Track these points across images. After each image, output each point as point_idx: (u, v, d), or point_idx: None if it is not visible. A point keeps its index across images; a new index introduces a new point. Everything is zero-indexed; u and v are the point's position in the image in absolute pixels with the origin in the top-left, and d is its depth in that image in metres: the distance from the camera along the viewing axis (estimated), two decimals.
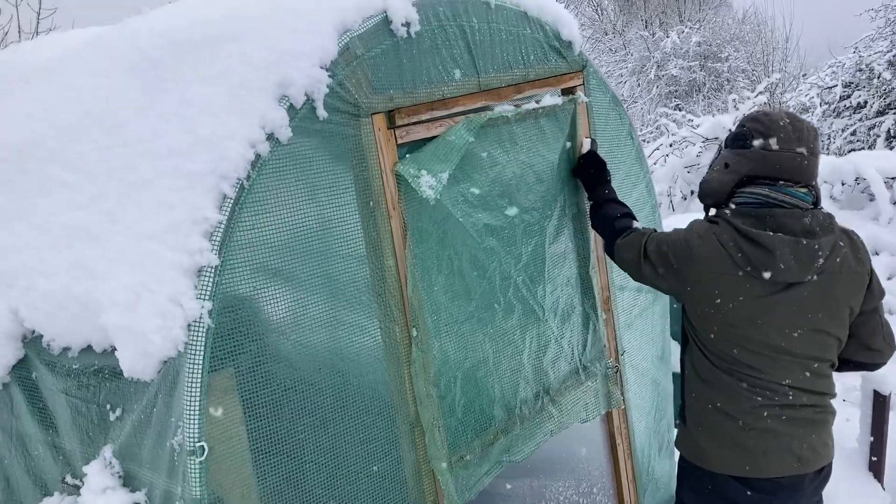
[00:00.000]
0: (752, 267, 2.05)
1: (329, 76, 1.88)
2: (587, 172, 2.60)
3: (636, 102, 16.55)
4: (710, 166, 2.30)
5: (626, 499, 2.96)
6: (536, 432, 2.53)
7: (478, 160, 2.29)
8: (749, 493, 2.18)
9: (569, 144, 2.61)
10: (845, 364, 2.26)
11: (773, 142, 2.09)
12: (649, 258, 2.23)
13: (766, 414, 2.15)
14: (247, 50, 1.90)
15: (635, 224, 2.41)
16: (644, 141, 12.43)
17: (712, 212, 2.24)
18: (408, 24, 2.05)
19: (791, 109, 12.78)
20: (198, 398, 1.68)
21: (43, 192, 2.17)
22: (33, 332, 2.14)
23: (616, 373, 2.83)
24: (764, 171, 2.11)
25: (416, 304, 2.10)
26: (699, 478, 2.28)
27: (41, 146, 2.24)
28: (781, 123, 2.12)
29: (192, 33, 2.06)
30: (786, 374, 2.14)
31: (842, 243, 2.14)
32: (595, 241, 2.73)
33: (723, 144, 2.30)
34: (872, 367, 2.29)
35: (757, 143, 2.12)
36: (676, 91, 18.80)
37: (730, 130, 2.55)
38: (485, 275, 2.34)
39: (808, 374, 2.16)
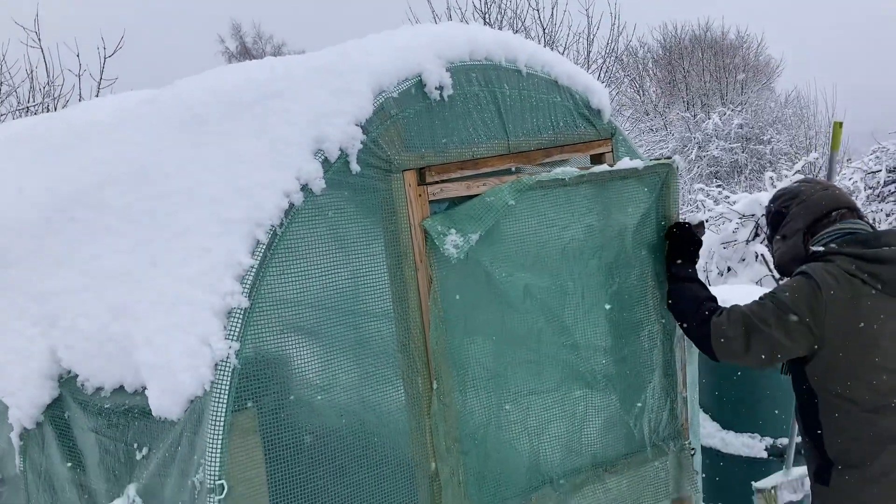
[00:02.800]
0: (882, 283, 2.14)
1: (363, 133, 1.98)
2: (677, 245, 2.54)
3: None
4: (773, 252, 2.53)
5: None
6: None
7: (528, 221, 2.30)
8: None
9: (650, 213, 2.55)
10: None
11: (802, 193, 2.42)
12: (769, 325, 2.19)
13: None
14: (288, 107, 2.02)
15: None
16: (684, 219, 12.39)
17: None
18: (441, 88, 2.16)
19: None
20: (220, 436, 1.73)
21: (90, 238, 2.28)
22: (69, 371, 2.22)
23: (693, 455, 2.70)
24: (818, 212, 2.35)
25: (439, 357, 2.13)
26: None
27: (91, 196, 2.37)
28: (795, 184, 2.50)
29: (240, 92, 2.20)
30: None
31: None
32: None
33: (768, 234, 2.54)
34: None
35: (793, 203, 2.42)
36: (718, 172, 18.85)
37: (768, 207, 2.62)
38: (523, 336, 2.32)
39: None
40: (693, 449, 2.70)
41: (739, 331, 2.23)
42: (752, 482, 3.02)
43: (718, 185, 16.98)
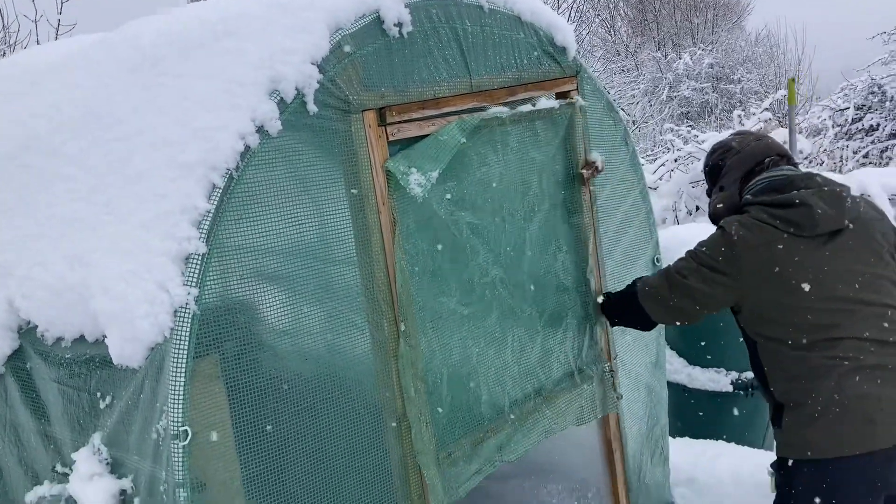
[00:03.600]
0: (795, 226, 2.19)
1: (320, 72, 1.92)
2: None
3: (647, 123, 16.59)
4: (710, 204, 2.56)
5: None
6: (530, 433, 2.52)
7: (466, 159, 2.32)
8: (866, 470, 2.11)
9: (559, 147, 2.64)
10: None
11: (735, 146, 2.51)
12: (686, 277, 2.32)
13: (857, 378, 2.12)
14: (242, 47, 1.95)
15: None
16: (655, 159, 12.45)
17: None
18: (400, 25, 2.10)
19: (803, 132, 12.76)
20: (182, 383, 1.71)
21: (43, 185, 2.22)
22: (28, 322, 2.18)
23: (613, 377, 2.83)
24: (752, 161, 2.42)
25: (405, 299, 2.12)
26: (813, 472, 2.17)
27: (43, 142, 2.30)
28: (729, 137, 2.61)
29: (192, 32, 2.12)
30: (864, 326, 2.15)
31: (854, 195, 2.31)
32: (593, 244, 2.75)
33: (709, 191, 2.62)
34: None
35: (728, 156, 2.50)
36: (689, 112, 18.84)
37: (705, 162, 2.71)
38: (468, 273, 2.36)
39: (885, 324, 2.16)
40: (612, 371, 2.83)
41: (663, 282, 2.41)
42: (767, 466, 3.02)
43: (689, 126, 17.01)
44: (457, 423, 2.33)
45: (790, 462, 2.24)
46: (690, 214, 6.75)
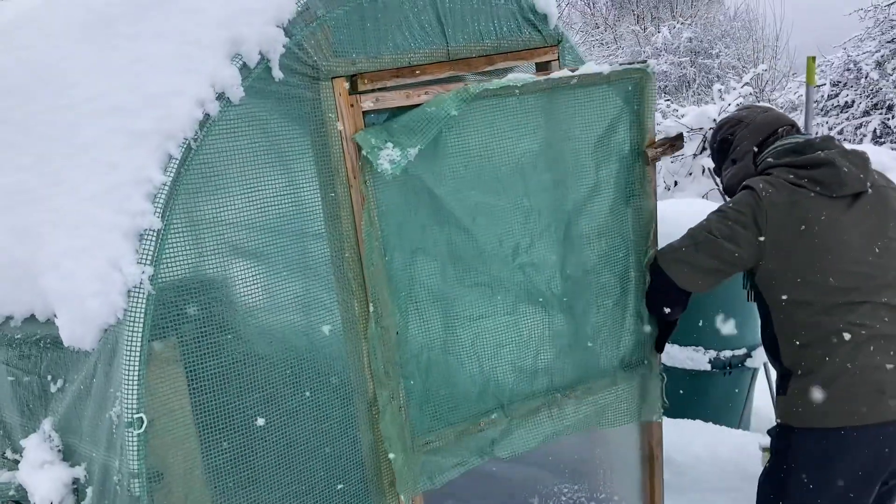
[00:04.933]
0: (821, 185, 2.16)
1: (286, 35, 1.80)
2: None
3: None
4: (723, 178, 2.51)
5: None
6: (533, 431, 2.35)
7: (476, 133, 2.15)
8: (871, 441, 2.05)
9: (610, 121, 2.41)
10: None
11: (745, 118, 2.47)
12: (712, 234, 2.24)
13: (872, 348, 2.08)
14: (200, 5, 1.82)
15: None
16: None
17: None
18: None
19: (780, 107, 12.76)
20: (137, 367, 1.60)
21: None
22: None
23: (663, 381, 2.58)
24: (764, 131, 2.39)
25: (375, 279, 2.01)
26: (815, 440, 2.12)
27: None
28: (736, 111, 2.58)
29: None
30: (882, 292, 2.12)
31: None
32: (654, 232, 2.49)
33: (714, 167, 2.64)
34: None
35: (738, 128, 2.46)
36: (666, 87, 18.76)
37: (712, 129, 2.73)
38: (473, 257, 2.19)
39: None
40: (663, 376, 2.57)
41: (687, 242, 2.32)
42: (759, 442, 2.93)
43: (667, 100, 16.94)
44: (438, 411, 2.19)
45: (792, 429, 2.18)
46: (669, 189, 6.70)
